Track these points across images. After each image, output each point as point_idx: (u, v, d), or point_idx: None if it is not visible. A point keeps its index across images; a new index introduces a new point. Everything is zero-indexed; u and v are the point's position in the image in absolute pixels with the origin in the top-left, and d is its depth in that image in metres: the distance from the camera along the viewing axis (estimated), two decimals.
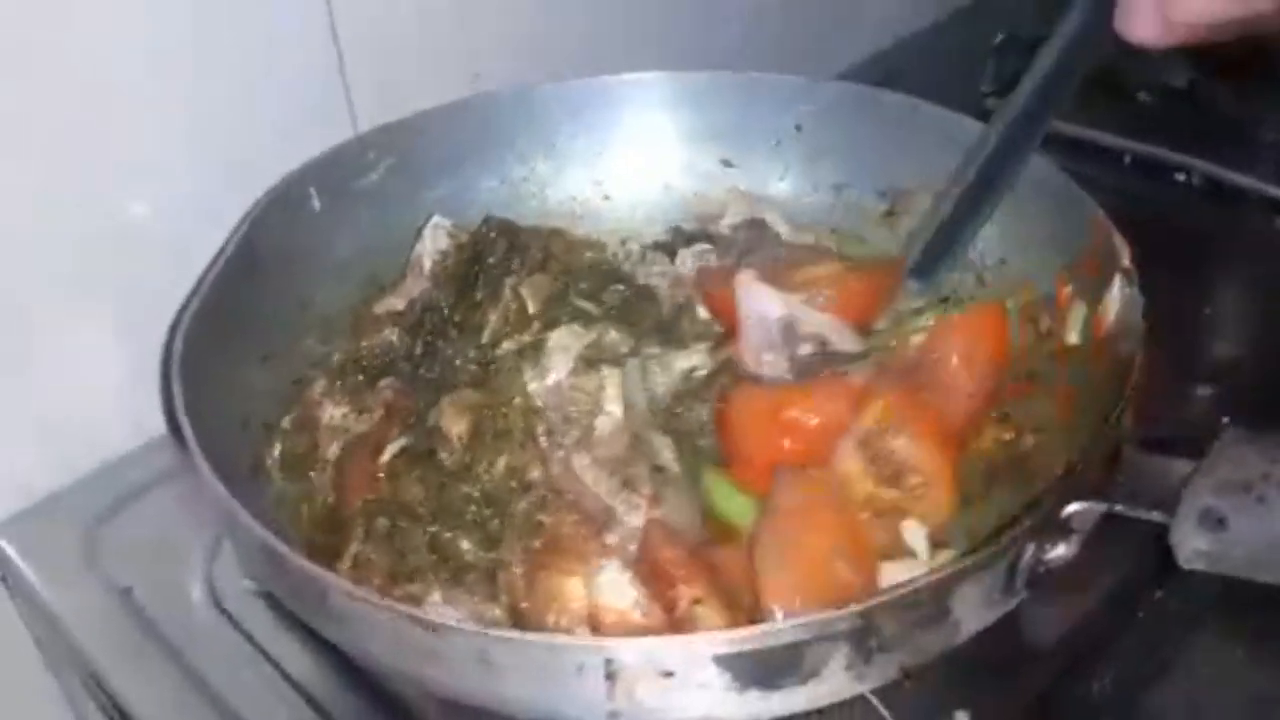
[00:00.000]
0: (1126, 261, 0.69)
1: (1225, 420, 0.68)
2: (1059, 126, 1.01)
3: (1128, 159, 1.03)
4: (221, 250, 0.71)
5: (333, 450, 0.71)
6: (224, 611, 0.71)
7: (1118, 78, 1.09)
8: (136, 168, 0.75)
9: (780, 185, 0.89)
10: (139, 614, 0.71)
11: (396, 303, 0.80)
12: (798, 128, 0.87)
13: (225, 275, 0.70)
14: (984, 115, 0.85)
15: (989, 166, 0.73)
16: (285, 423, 0.73)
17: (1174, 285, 0.72)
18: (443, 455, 0.69)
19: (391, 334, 0.77)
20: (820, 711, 0.57)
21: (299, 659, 0.67)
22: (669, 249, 0.85)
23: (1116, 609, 0.68)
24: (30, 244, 0.72)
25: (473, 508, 0.66)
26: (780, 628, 0.52)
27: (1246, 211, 0.99)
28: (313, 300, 0.78)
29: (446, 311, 0.77)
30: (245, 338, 0.72)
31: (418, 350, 0.76)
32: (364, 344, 0.77)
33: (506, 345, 0.74)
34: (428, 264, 0.80)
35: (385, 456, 0.70)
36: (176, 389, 0.62)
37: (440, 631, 0.52)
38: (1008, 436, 0.73)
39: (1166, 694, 0.65)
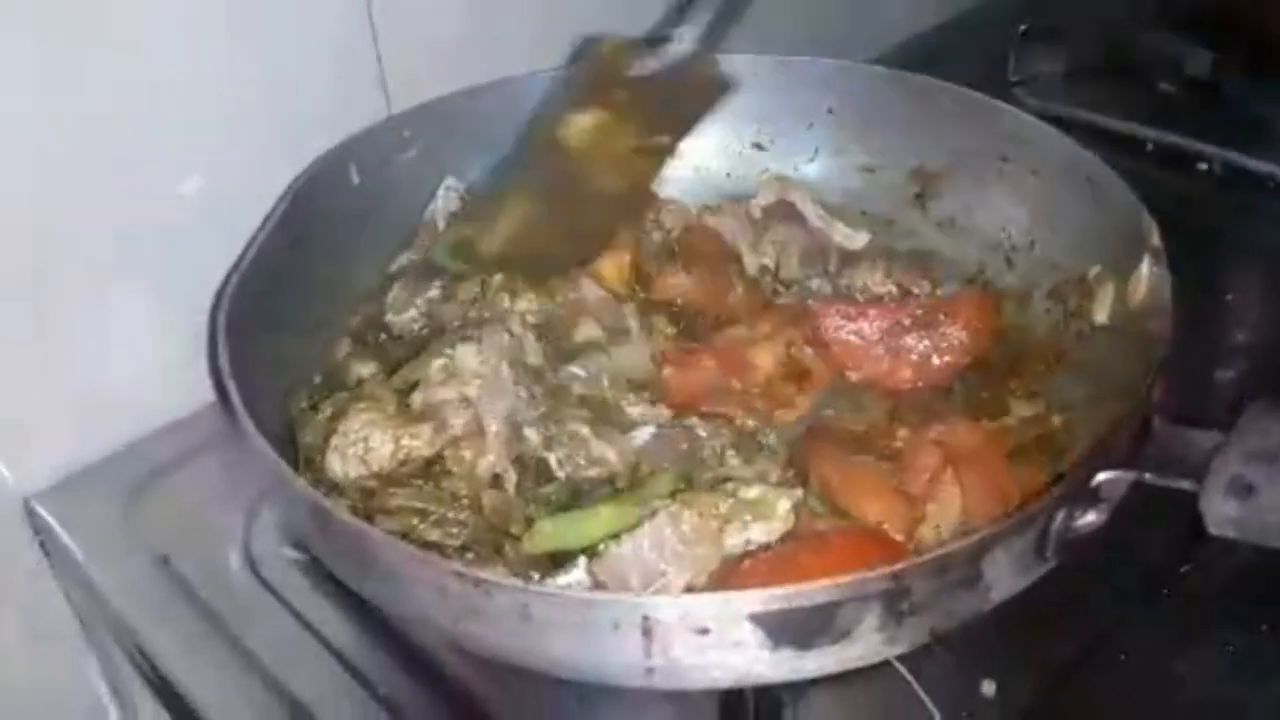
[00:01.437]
0: (1156, 241, 0.70)
1: (1247, 403, 0.69)
2: (1081, 114, 1.03)
3: (1150, 148, 1.04)
4: (265, 222, 0.73)
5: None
6: (262, 579, 0.72)
7: (1139, 67, 1.10)
8: (178, 149, 0.76)
9: (811, 167, 0.90)
10: (178, 582, 0.72)
11: (411, 257, 0.82)
12: (829, 111, 0.88)
13: (269, 246, 0.71)
14: (1011, 103, 0.86)
15: None
16: (315, 378, 0.74)
17: (1195, 272, 0.72)
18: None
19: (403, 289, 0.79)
20: (850, 681, 0.58)
21: (336, 624, 0.69)
22: None
23: (1144, 583, 0.69)
24: (74, 219, 0.73)
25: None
26: (815, 587, 0.53)
27: (1267, 199, 0.99)
28: (352, 270, 0.80)
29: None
30: (288, 306, 0.73)
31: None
32: (382, 301, 0.79)
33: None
34: (441, 224, 0.82)
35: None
36: (222, 353, 0.63)
37: (483, 586, 0.53)
38: (1035, 414, 0.74)
39: (1191, 667, 0.65)
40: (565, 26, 0.95)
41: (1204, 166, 1.02)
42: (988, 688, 0.64)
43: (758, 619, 0.53)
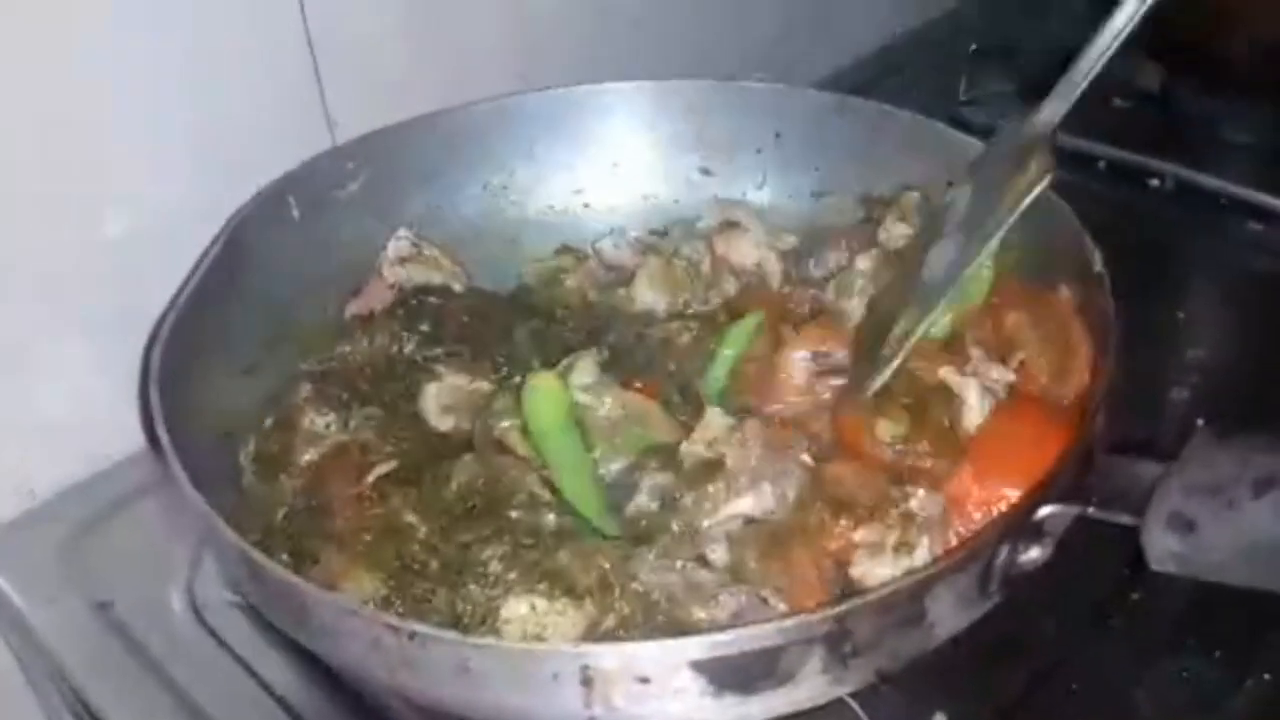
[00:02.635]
0: (1099, 266, 0.70)
1: (1200, 422, 0.69)
2: None
3: (1101, 164, 1.04)
4: (200, 261, 0.71)
5: (308, 456, 0.71)
6: (205, 624, 0.71)
7: (1090, 84, 1.10)
8: (120, 185, 0.75)
9: (759, 193, 0.89)
10: (119, 628, 0.71)
11: (362, 306, 0.80)
12: (777, 135, 0.88)
13: (204, 286, 0.70)
14: (960, 124, 0.86)
15: None
16: (266, 422, 0.72)
17: (1147, 289, 0.72)
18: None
19: (362, 343, 0.77)
20: (799, 715, 0.58)
21: (280, 671, 0.67)
22: None
23: (1094, 611, 0.69)
24: (12, 258, 0.72)
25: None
26: (755, 632, 0.52)
27: (1219, 215, 1.00)
28: (293, 311, 0.78)
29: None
30: (225, 348, 0.72)
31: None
32: (340, 351, 0.77)
33: None
34: (387, 275, 0.81)
35: (371, 477, 0.69)
36: (154, 399, 0.62)
37: (417, 639, 0.52)
38: None
39: (1141, 697, 0.65)
40: (512, 54, 0.94)
41: (1156, 182, 1.02)
42: None
43: (699, 666, 0.52)
